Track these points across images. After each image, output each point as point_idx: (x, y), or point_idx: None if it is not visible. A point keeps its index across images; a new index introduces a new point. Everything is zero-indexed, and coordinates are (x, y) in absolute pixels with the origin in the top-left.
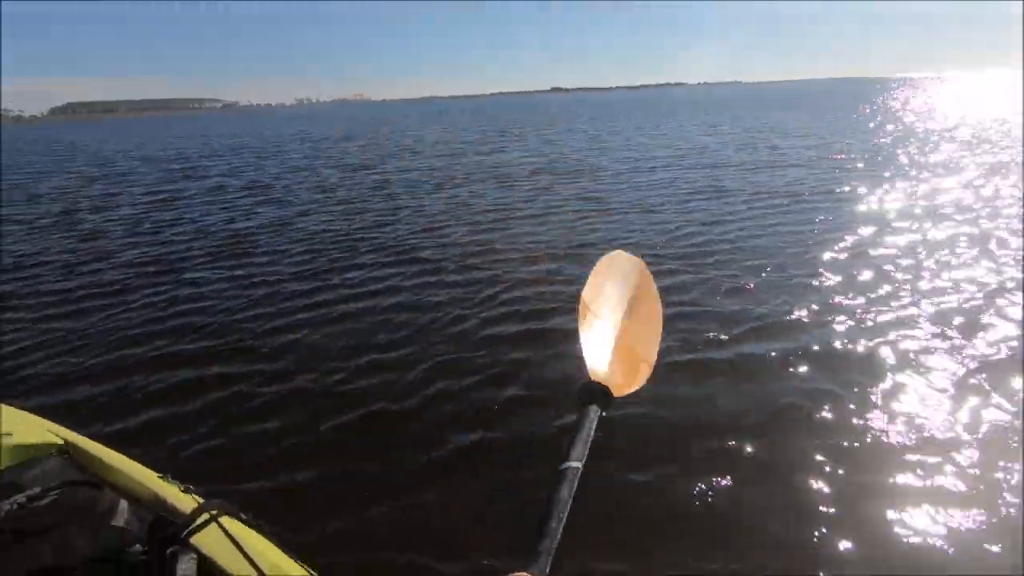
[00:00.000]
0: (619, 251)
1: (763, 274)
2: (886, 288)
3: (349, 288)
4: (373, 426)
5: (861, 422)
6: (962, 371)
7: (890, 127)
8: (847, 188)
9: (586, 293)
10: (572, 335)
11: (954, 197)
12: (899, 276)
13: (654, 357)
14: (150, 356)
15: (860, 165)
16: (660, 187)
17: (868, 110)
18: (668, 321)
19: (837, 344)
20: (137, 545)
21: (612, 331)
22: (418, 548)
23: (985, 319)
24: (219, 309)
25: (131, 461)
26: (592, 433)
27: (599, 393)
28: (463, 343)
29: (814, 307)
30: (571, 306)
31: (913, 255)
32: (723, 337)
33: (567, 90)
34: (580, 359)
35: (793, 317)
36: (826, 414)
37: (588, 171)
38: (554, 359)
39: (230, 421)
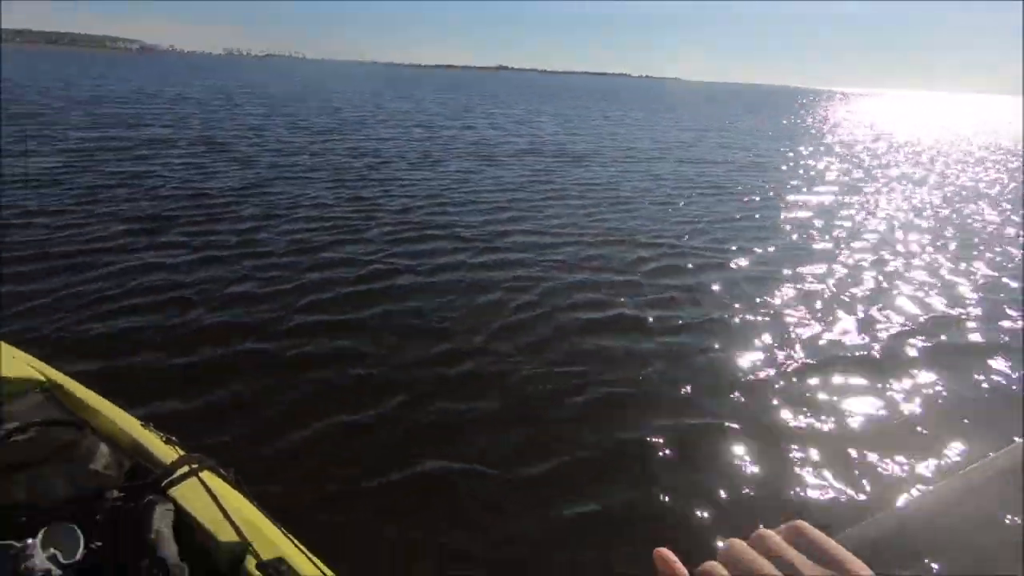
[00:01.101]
0: None
1: (788, 270)
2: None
3: (359, 264)
4: (392, 412)
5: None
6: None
7: (858, 136)
8: (846, 197)
9: None
10: (644, 330)
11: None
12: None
13: None
14: (153, 306)
15: (845, 176)
16: (662, 179)
17: (821, 118)
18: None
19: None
20: (114, 491)
21: None
22: (410, 530)
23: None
24: (211, 280)
25: (114, 406)
26: None
27: None
28: (519, 341)
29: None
30: (631, 301)
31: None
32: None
33: (513, 69)
34: None
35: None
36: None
37: (577, 156)
38: (625, 362)
39: (225, 382)
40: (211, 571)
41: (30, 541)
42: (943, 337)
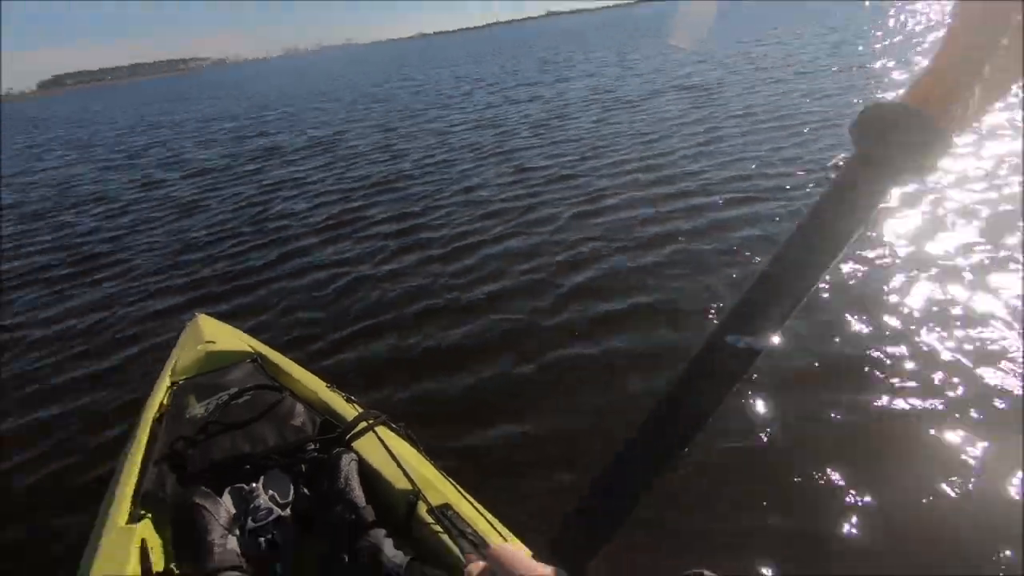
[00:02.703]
0: None
1: None
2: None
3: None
4: (554, 386)
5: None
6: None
7: None
8: None
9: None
10: None
11: None
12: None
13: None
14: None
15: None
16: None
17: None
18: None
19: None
20: (311, 443)
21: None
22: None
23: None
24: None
25: (305, 371)
26: (870, 196)
27: (904, 120)
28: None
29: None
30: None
31: None
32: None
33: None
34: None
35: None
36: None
37: (563, 116)
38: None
39: (401, 354)
40: (389, 513)
41: (255, 485)
42: None
